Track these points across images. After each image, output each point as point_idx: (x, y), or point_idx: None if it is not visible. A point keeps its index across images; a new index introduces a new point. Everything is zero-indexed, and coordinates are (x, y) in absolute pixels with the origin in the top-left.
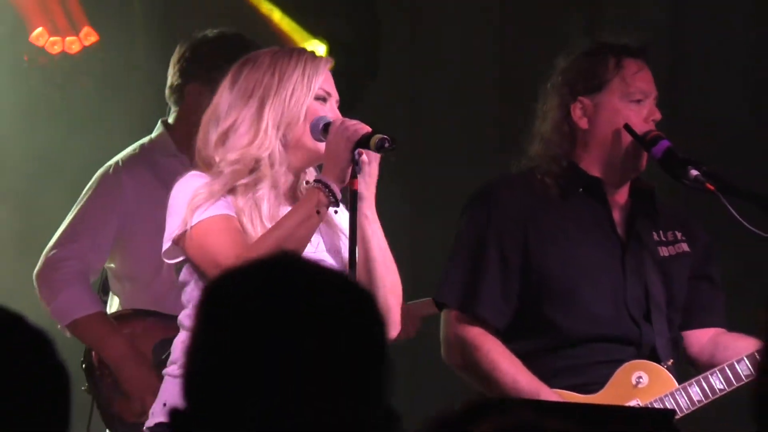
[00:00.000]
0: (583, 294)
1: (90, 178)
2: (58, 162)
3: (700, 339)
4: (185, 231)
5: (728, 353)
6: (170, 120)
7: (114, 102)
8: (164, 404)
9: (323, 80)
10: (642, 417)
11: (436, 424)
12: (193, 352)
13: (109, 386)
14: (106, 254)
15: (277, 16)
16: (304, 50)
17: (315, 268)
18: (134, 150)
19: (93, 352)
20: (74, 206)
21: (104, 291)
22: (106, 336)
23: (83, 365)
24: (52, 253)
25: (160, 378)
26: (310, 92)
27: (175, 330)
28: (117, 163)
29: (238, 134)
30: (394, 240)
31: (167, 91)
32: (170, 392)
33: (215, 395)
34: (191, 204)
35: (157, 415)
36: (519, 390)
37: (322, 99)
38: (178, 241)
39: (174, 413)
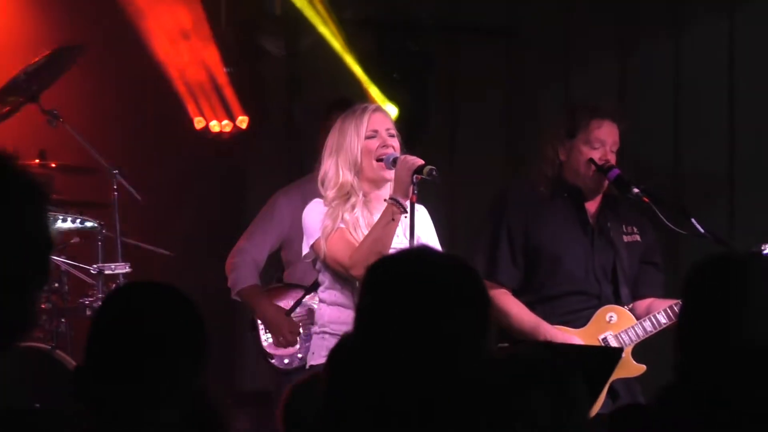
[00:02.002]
0: (563, 262)
1: None
2: None
3: (642, 305)
4: (318, 241)
5: (661, 307)
6: None
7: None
8: (312, 353)
9: (369, 124)
10: (596, 352)
11: None
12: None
13: (261, 332)
14: (266, 252)
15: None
16: (357, 108)
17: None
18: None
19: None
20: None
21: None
22: (256, 299)
23: (251, 321)
24: (237, 245)
25: (294, 323)
26: (360, 137)
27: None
28: (278, 192)
29: (328, 179)
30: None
31: None
32: (317, 345)
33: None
34: (321, 225)
35: (310, 360)
36: (523, 324)
37: (372, 137)
38: (314, 248)
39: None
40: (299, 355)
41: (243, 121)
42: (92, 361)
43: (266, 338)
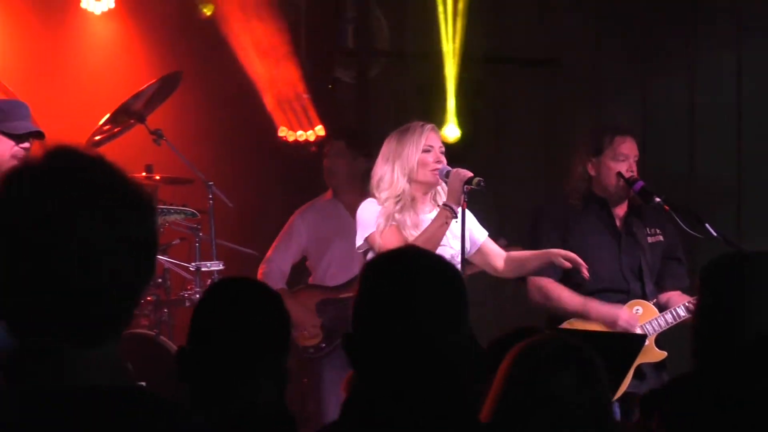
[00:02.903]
0: (595, 265)
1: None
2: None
3: (665, 297)
4: (372, 235)
5: (681, 301)
6: None
7: None
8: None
9: (426, 140)
10: (624, 337)
11: (496, 341)
12: (356, 299)
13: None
14: (290, 262)
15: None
16: (416, 125)
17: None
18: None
19: None
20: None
21: None
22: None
23: None
24: (266, 256)
25: (316, 323)
26: (418, 150)
27: (327, 294)
28: (296, 212)
29: (383, 182)
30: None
31: None
32: None
33: (368, 322)
34: (376, 221)
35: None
36: (573, 303)
37: (427, 151)
38: (369, 240)
39: (346, 336)
40: (323, 345)
41: (320, 130)
42: (193, 345)
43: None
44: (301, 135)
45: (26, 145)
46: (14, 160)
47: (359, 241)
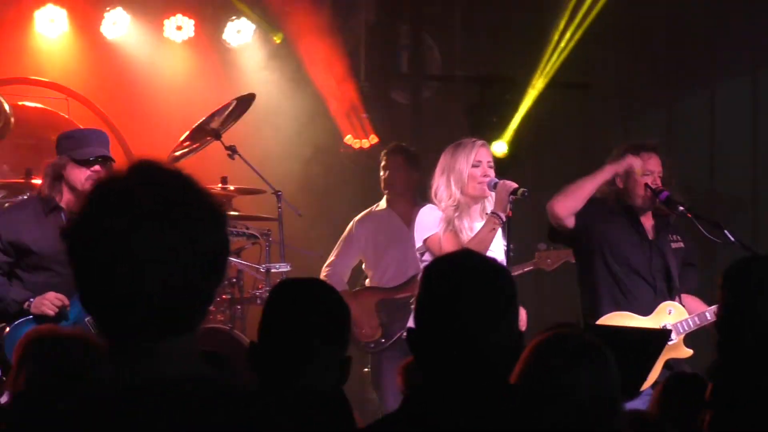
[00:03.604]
0: (625, 251)
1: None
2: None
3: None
4: (431, 238)
5: (701, 308)
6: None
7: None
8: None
9: (476, 155)
10: (651, 333)
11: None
12: (416, 298)
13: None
14: (349, 266)
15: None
16: (468, 141)
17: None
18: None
19: None
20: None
21: None
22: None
23: None
24: (328, 260)
25: (374, 322)
26: (469, 164)
27: (387, 295)
28: (354, 219)
29: (440, 193)
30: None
31: None
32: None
33: (425, 319)
34: (437, 225)
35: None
36: (588, 180)
37: (476, 165)
38: (428, 241)
39: (409, 330)
40: (382, 340)
41: (374, 138)
42: (262, 338)
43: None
44: (363, 142)
45: (96, 168)
46: (90, 183)
47: (418, 243)
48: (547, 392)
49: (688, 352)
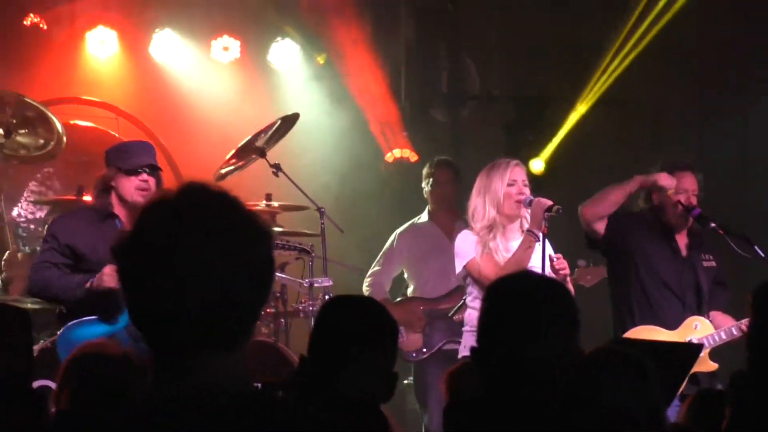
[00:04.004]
0: (657, 264)
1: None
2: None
3: (712, 315)
4: (470, 263)
5: (728, 323)
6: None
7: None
8: (464, 346)
9: (511, 174)
10: (683, 346)
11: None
12: (482, 318)
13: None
14: (391, 276)
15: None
16: (503, 161)
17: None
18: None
19: None
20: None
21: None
22: (388, 308)
23: None
24: (371, 269)
25: (416, 332)
26: (504, 183)
27: (429, 305)
28: (397, 231)
29: (477, 213)
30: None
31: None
32: (469, 339)
33: (494, 340)
34: (474, 249)
35: (462, 351)
36: (615, 189)
37: (512, 184)
38: (467, 266)
39: (472, 349)
40: (423, 350)
41: (407, 152)
42: (314, 354)
43: (400, 335)
44: (404, 152)
45: (143, 177)
46: (139, 192)
47: (458, 269)
48: (594, 404)
49: (713, 366)
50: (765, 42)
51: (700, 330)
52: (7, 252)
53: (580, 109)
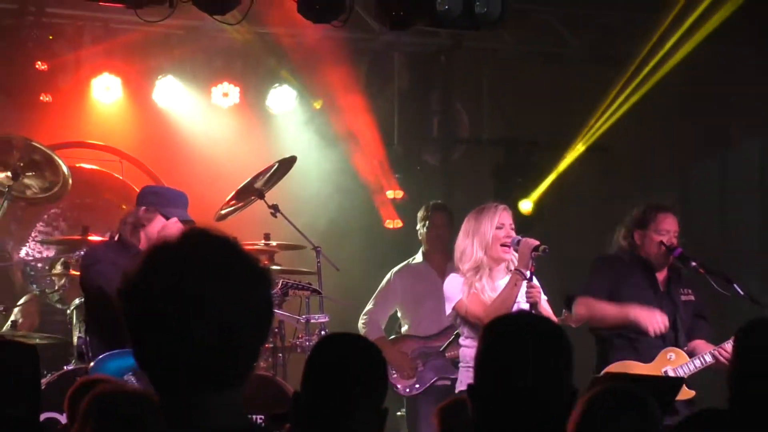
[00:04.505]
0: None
1: None
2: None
3: (693, 345)
4: (458, 304)
5: (707, 350)
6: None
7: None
8: (460, 381)
9: (499, 218)
10: (666, 380)
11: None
12: (478, 356)
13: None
14: (386, 314)
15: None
16: (491, 205)
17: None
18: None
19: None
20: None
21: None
22: (383, 347)
23: None
24: (366, 308)
25: (410, 368)
26: (493, 227)
27: (423, 343)
28: (392, 271)
29: (466, 255)
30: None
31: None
32: (465, 376)
33: (487, 377)
34: (461, 291)
35: (458, 386)
36: (613, 313)
37: (500, 228)
38: (455, 307)
39: (469, 386)
40: (417, 386)
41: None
42: (307, 391)
43: (392, 373)
44: (395, 194)
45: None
46: (160, 238)
47: (448, 311)
48: None
49: (690, 393)
50: (741, 91)
51: (675, 360)
52: (25, 296)
53: (570, 155)
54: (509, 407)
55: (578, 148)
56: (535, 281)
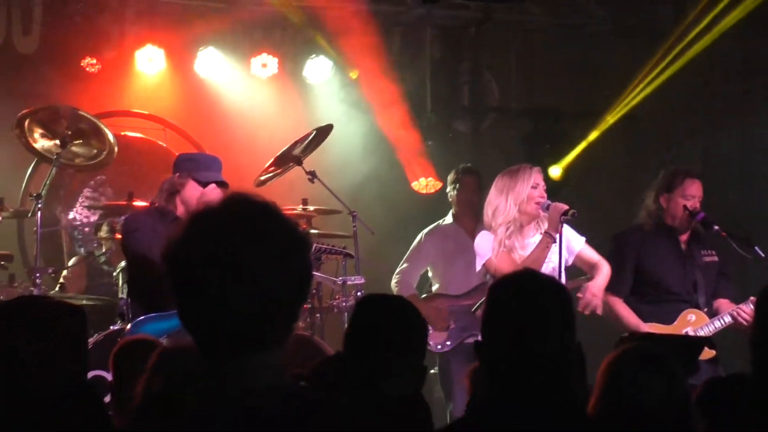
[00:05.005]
0: (664, 279)
1: None
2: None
3: (716, 303)
4: (488, 261)
5: (727, 310)
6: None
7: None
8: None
9: (534, 178)
10: (688, 340)
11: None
12: (488, 315)
13: None
14: (418, 273)
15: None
16: (526, 166)
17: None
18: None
19: None
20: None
21: None
22: (415, 304)
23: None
24: (399, 267)
25: (441, 326)
26: (528, 186)
27: (453, 301)
28: (424, 231)
29: (498, 211)
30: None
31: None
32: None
33: (498, 336)
34: (491, 248)
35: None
36: (629, 323)
37: (534, 187)
38: (486, 264)
39: (476, 343)
40: (447, 342)
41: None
42: (349, 350)
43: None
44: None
45: (213, 188)
46: (201, 204)
47: (478, 267)
48: (623, 400)
49: (711, 353)
50: (762, 58)
51: (695, 321)
52: (73, 259)
53: (600, 124)
54: (512, 361)
55: (608, 119)
56: (571, 232)
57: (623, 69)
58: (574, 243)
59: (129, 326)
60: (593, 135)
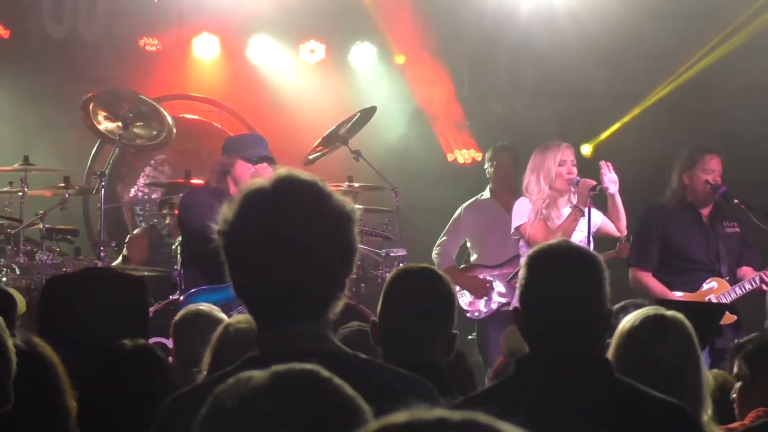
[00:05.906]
0: (688, 249)
1: None
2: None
3: (740, 272)
4: (523, 226)
5: (748, 277)
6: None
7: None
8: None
9: (562, 155)
10: (709, 306)
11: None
12: (522, 281)
13: (458, 296)
14: (457, 246)
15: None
16: (555, 143)
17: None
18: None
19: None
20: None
21: None
22: (454, 274)
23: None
24: (439, 240)
25: (479, 295)
26: (556, 163)
27: (489, 271)
28: (463, 205)
29: (531, 187)
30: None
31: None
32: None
33: (530, 303)
34: (527, 215)
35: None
36: (656, 294)
37: (562, 164)
38: (519, 228)
39: (515, 309)
40: (485, 310)
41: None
42: (384, 319)
43: (464, 297)
44: (464, 154)
45: (262, 165)
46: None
47: (513, 227)
48: (639, 363)
49: (732, 318)
50: None
51: (717, 289)
52: (137, 230)
53: (635, 107)
54: (548, 326)
55: (645, 102)
56: (595, 213)
57: (658, 54)
58: (595, 217)
59: (182, 297)
60: (626, 117)
